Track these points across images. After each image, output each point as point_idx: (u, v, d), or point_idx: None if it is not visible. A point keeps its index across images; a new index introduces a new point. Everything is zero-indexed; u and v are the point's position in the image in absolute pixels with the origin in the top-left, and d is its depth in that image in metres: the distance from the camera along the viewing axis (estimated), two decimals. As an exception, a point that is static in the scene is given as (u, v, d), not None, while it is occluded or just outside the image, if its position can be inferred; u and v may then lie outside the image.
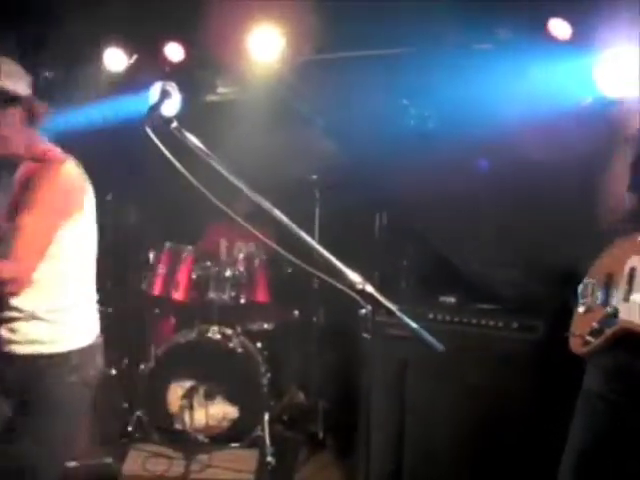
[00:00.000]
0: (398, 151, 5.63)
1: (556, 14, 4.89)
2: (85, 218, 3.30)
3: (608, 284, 3.41)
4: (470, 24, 5.24)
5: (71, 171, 3.25)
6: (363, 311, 2.52)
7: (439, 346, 2.45)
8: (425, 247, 5.57)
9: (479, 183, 5.46)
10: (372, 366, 2.84)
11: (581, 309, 3.54)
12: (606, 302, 3.38)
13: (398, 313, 2.45)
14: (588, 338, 3.42)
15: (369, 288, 2.45)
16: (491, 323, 4.54)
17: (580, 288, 3.58)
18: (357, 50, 5.85)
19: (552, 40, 4.93)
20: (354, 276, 2.48)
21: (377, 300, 2.47)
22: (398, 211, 5.57)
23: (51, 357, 3.22)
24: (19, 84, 3.23)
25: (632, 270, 3.31)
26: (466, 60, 5.39)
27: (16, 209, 3.10)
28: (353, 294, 2.46)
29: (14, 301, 3.17)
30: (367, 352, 2.78)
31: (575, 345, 3.54)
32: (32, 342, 3.20)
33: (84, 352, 3.31)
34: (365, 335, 2.59)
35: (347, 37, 5.68)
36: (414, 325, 2.46)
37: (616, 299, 3.34)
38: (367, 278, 2.55)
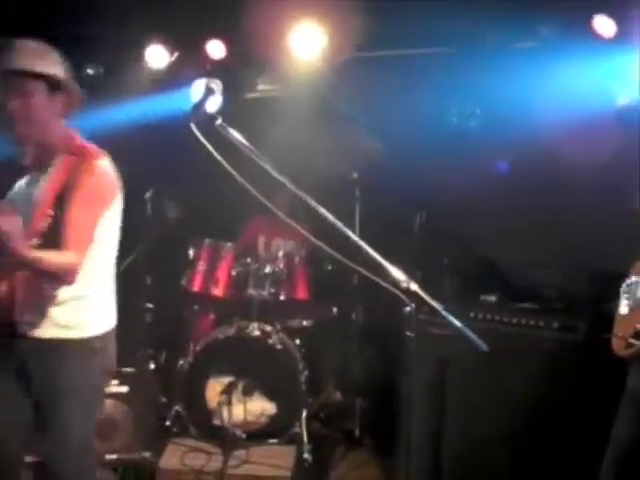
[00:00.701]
0: (439, 150, 5.62)
1: (601, 11, 4.84)
2: (115, 210, 3.41)
3: None
4: (512, 22, 5.21)
5: (108, 166, 3.35)
6: (407, 309, 2.52)
7: (483, 345, 2.45)
8: (466, 246, 5.55)
9: (521, 182, 5.43)
10: (414, 365, 2.81)
11: (624, 310, 3.50)
12: None
13: (443, 312, 2.44)
14: (631, 340, 3.37)
15: (414, 286, 2.45)
16: (532, 323, 4.52)
17: (623, 288, 3.54)
18: (399, 49, 5.85)
19: (596, 38, 4.89)
20: (398, 274, 2.48)
21: (421, 298, 2.46)
22: (439, 210, 5.55)
23: (75, 341, 3.31)
24: (63, 72, 3.33)
25: None
26: (508, 59, 5.36)
27: (58, 201, 3.16)
28: (397, 292, 2.46)
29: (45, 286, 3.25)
30: (409, 350, 2.77)
31: (618, 347, 3.50)
32: (60, 326, 3.29)
33: (105, 338, 3.43)
34: (408, 333, 2.58)
35: (389, 36, 5.68)
36: (458, 324, 2.45)
37: None
38: (409, 277, 2.54)
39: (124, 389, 5.20)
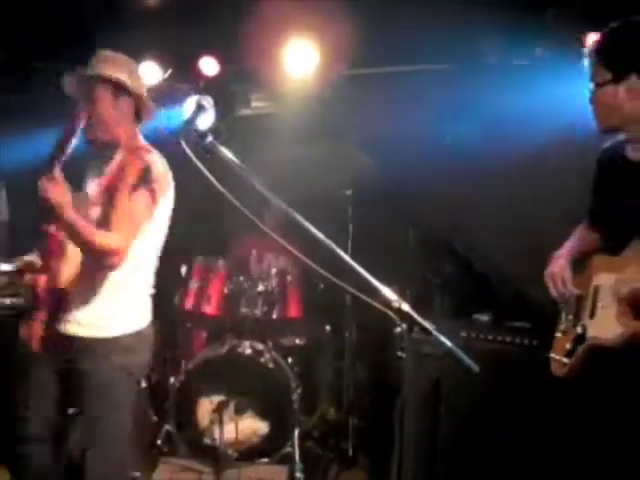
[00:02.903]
0: (433, 167, 5.60)
1: (594, 29, 4.85)
2: (165, 205, 3.62)
3: (579, 305, 3.41)
4: (510, 39, 5.22)
5: (159, 160, 3.61)
6: (398, 329, 2.50)
7: (474, 367, 2.42)
8: (459, 264, 5.53)
9: (515, 199, 5.42)
10: (406, 384, 2.79)
11: (559, 333, 3.55)
12: (577, 323, 3.39)
13: (434, 332, 2.42)
14: (564, 360, 3.41)
15: (405, 306, 2.43)
16: (526, 342, 4.48)
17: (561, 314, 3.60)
18: (392, 65, 5.85)
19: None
20: (390, 293, 2.45)
21: (413, 318, 2.44)
22: (432, 228, 5.54)
23: (107, 340, 3.47)
24: (134, 80, 3.67)
25: (596, 288, 3.31)
26: (503, 76, 5.37)
27: (112, 191, 3.43)
28: (389, 312, 2.44)
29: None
30: (401, 370, 2.75)
31: (555, 368, 3.55)
32: (94, 326, 3.47)
33: (135, 337, 3.60)
34: (400, 353, 2.56)
35: (382, 53, 5.68)
36: (450, 344, 2.42)
37: (585, 318, 3.33)
38: (400, 295, 2.52)
39: (115, 408, 5.14)
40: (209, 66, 6.21)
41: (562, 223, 5.12)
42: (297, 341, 6.13)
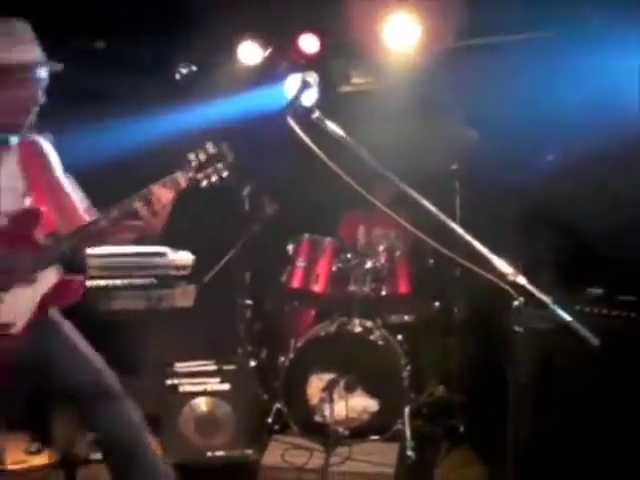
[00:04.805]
0: (538, 138, 5.49)
1: None
2: None
3: None
4: (615, 6, 5.05)
5: None
6: (515, 303, 2.44)
7: (595, 340, 2.35)
8: (570, 237, 5.40)
9: (624, 169, 5.26)
10: (521, 359, 2.73)
11: None
12: None
13: (552, 305, 2.36)
14: None
15: (521, 279, 2.37)
16: (641, 316, 4.36)
17: None
18: (496, 35, 5.74)
19: None
20: (505, 267, 2.40)
21: (528, 292, 2.38)
22: (541, 200, 5.42)
23: None
24: None
25: None
26: (608, 43, 5.21)
27: None
28: (504, 285, 2.39)
29: None
30: (515, 345, 2.68)
31: None
32: None
33: None
34: (517, 328, 2.50)
35: (486, 23, 5.58)
36: (569, 318, 2.36)
37: None
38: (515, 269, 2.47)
39: (225, 387, 5.21)
40: (309, 43, 6.20)
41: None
42: (406, 318, 6.09)
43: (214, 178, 3.42)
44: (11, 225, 3.20)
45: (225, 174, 3.44)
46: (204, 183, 3.42)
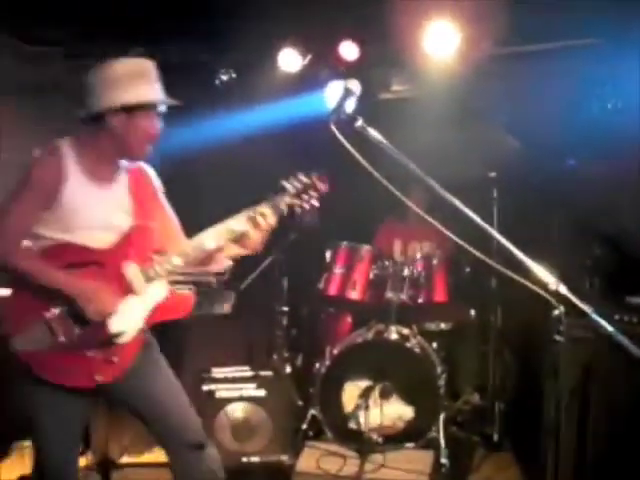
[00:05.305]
0: (580, 146, 5.45)
1: None
2: None
3: None
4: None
5: None
6: (556, 312, 2.43)
7: (637, 351, 2.33)
8: (608, 245, 5.36)
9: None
10: (561, 368, 2.71)
11: None
12: None
13: (593, 315, 2.34)
14: None
15: (563, 289, 2.36)
16: (682, 327, 4.31)
17: None
18: (536, 43, 5.72)
19: None
20: (546, 275, 2.39)
21: (569, 301, 2.37)
22: (579, 208, 5.38)
23: None
24: None
25: None
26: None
27: None
28: (545, 294, 2.38)
29: None
30: (555, 354, 2.67)
31: None
32: None
33: None
34: (558, 338, 2.49)
35: (525, 30, 5.56)
36: (610, 328, 2.35)
37: None
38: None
39: (261, 393, 5.22)
40: (349, 50, 6.20)
41: None
42: (442, 326, 6.09)
43: (306, 206, 3.49)
44: (127, 241, 3.37)
45: (317, 204, 3.52)
46: (298, 210, 3.51)
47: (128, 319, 3.31)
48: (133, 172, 3.50)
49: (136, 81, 3.29)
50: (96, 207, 3.31)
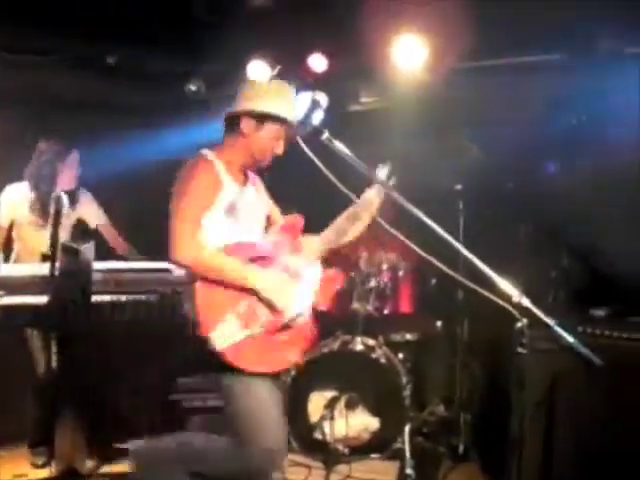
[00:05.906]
0: (545, 160, 5.49)
1: None
2: None
3: None
4: (626, 26, 5.07)
5: None
6: (519, 325, 2.46)
7: (597, 360, 2.36)
8: (573, 258, 5.41)
9: (631, 191, 5.27)
10: (525, 380, 2.74)
11: None
12: None
13: (555, 327, 2.37)
14: None
15: (526, 301, 2.39)
16: (644, 337, 4.36)
17: None
18: (503, 57, 5.76)
19: None
20: (510, 288, 2.42)
21: (532, 313, 2.40)
22: (545, 221, 5.42)
23: None
24: None
25: None
26: (618, 65, 5.23)
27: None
28: (508, 307, 2.40)
29: None
30: (520, 366, 2.70)
31: None
32: None
33: None
34: (520, 349, 2.51)
35: (492, 44, 5.60)
36: (571, 339, 2.37)
37: None
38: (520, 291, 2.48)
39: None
40: (318, 62, 6.21)
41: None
42: (408, 337, 6.08)
43: None
44: (281, 233, 3.81)
45: None
46: None
47: (301, 302, 3.62)
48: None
49: (274, 96, 3.49)
50: (249, 207, 3.73)
